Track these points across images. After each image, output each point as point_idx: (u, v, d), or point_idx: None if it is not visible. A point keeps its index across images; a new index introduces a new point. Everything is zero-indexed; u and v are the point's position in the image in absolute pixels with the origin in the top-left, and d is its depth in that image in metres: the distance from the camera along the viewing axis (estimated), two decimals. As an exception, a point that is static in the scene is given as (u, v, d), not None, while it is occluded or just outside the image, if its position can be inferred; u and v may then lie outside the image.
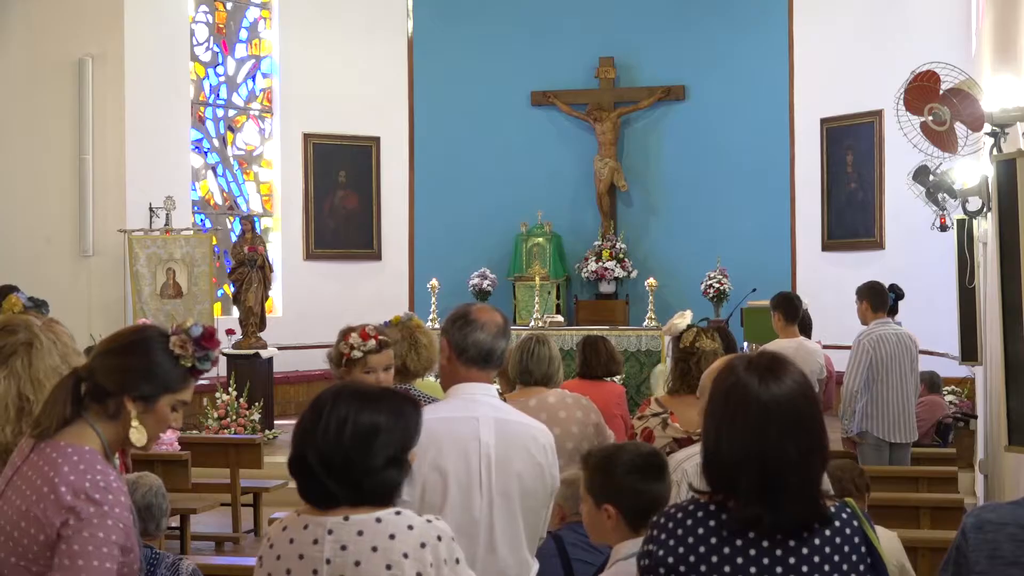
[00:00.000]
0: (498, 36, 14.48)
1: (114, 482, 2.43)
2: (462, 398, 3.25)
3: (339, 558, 2.36)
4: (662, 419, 4.35)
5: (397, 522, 2.39)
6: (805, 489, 2.20)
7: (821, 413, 2.30)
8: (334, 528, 2.37)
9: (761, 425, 2.19)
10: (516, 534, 3.21)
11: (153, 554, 4.03)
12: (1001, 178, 4.95)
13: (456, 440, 3.15)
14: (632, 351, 11.84)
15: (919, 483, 6.74)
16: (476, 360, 3.25)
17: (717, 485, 2.25)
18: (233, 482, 8.31)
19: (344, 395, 2.44)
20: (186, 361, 2.53)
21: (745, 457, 2.19)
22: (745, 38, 13.84)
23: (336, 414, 2.39)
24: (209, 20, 13.76)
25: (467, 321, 3.27)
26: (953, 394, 10.42)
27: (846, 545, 2.24)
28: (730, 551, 2.22)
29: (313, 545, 2.38)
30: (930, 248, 10.40)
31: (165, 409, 2.54)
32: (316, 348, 12.86)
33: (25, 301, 3.17)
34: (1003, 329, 4.95)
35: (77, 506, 2.35)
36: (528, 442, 3.25)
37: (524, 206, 14.15)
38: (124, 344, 2.57)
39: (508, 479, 3.18)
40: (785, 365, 2.27)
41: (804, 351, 7.02)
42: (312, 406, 2.44)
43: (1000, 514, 2.09)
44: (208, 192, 13.70)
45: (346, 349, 4.17)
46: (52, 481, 2.39)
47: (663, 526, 2.29)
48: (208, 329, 2.56)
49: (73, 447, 2.45)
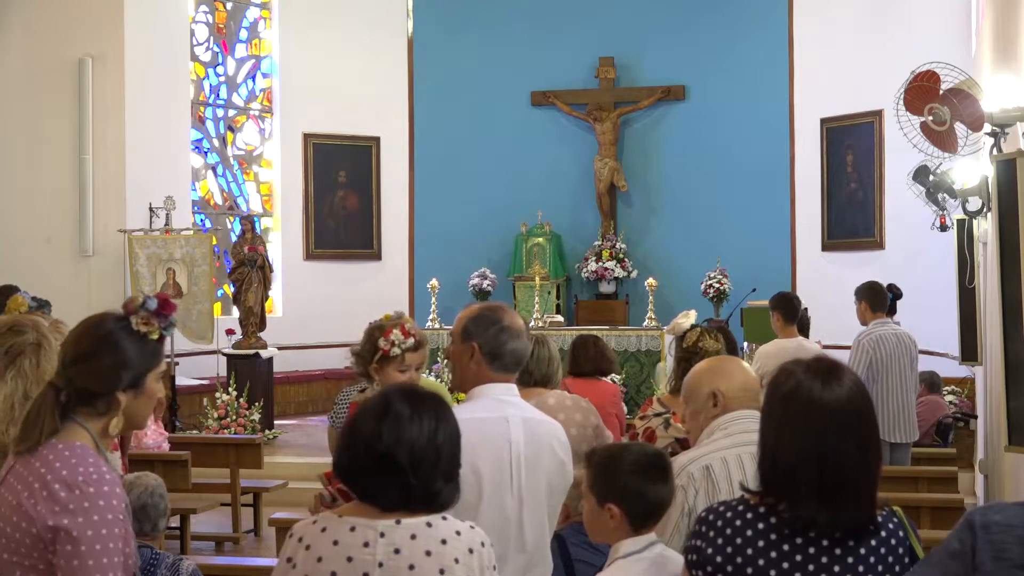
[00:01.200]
0: (498, 36, 14.48)
1: (107, 474, 2.42)
2: (491, 398, 3.25)
3: (392, 561, 2.34)
4: (664, 419, 4.36)
5: (446, 527, 2.40)
6: (864, 490, 2.26)
7: (875, 416, 2.34)
8: (386, 531, 2.35)
9: (824, 427, 2.24)
10: (543, 532, 3.25)
11: (153, 554, 4.03)
12: (1001, 178, 4.95)
13: (488, 440, 3.16)
14: (632, 351, 11.84)
15: (919, 483, 6.74)
16: (510, 367, 3.27)
17: (775, 487, 2.28)
18: (233, 482, 8.31)
19: (422, 398, 2.44)
20: (153, 334, 2.53)
21: (807, 459, 2.23)
22: (745, 38, 13.84)
23: (427, 414, 2.39)
24: (209, 20, 13.76)
25: (502, 328, 3.25)
26: (953, 394, 10.42)
27: (891, 556, 2.29)
28: (778, 554, 2.26)
29: (364, 548, 2.35)
30: (930, 248, 10.40)
31: (153, 385, 2.56)
32: (316, 348, 13.09)
33: (29, 301, 3.17)
34: (1003, 329, 4.95)
35: (71, 501, 2.34)
36: (553, 441, 3.27)
37: (524, 206, 14.15)
38: (91, 347, 2.52)
39: (537, 478, 3.20)
40: (842, 368, 2.33)
41: (803, 351, 6.97)
42: (395, 405, 2.39)
43: (1007, 515, 2.08)
44: (208, 192, 13.70)
45: (386, 346, 4.08)
46: (45, 478, 2.37)
47: (712, 523, 2.33)
48: (160, 296, 2.57)
49: (65, 444, 2.44)
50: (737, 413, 3.14)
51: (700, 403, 3.21)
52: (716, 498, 2.98)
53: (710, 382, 3.20)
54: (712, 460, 3.05)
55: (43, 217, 11.80)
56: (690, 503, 3.02)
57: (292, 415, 12.86)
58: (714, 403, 3.17)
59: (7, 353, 2.99)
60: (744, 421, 3.12)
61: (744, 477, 3.00)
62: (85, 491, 2.35)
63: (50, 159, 11.84)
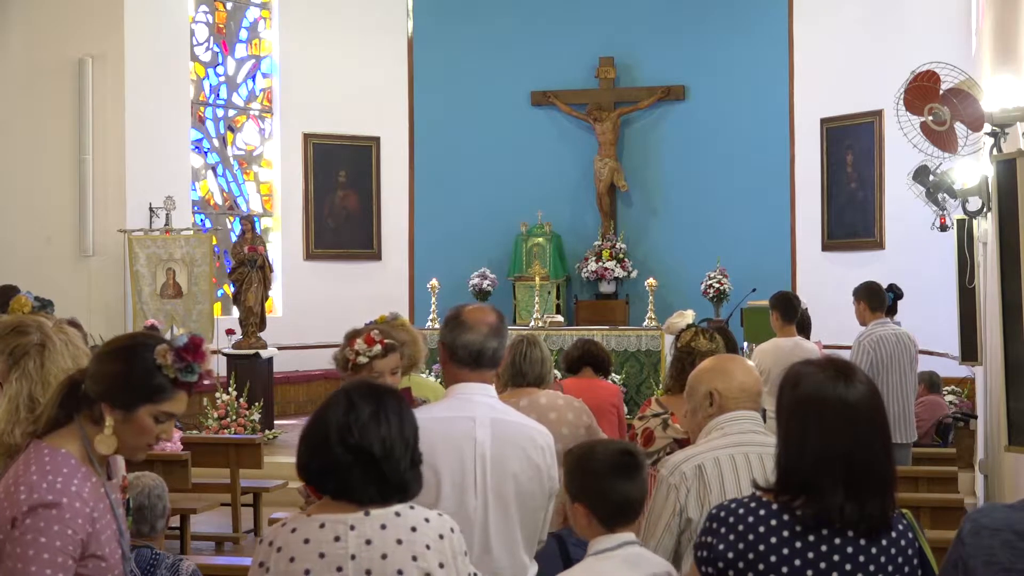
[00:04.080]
0: (498, 36, 14.47)
1: (79, 488, 2.41)
2: (458, 398, 3.25)
3: (364, 552, 2.37)
4: (663, 420, 4.35)
5: (415, 515, 2.44)
6: (888, 484, 2.32)
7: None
8: (356, 524, 2.39)
9: (850, 424, 2.30)
10: (512, 535, 3.20)
11: (153, 554, 4.03)
12: (1001, 178, 4.95)
13: (450, 439, 3.15)
14: (632, 351, 11.84)
15: (919, 483, 6.75)
16: (466, 361, 3.26)
17: (797, 484, 2.31)
18: (233, 482, 8.31)
19: (382, 391, 2.50)
20: (168, 372, 2.46)
21: (836, 455, 2.28)
22: (745, 38, 13.83)
23: (389, 408, 2.44)
24: (209, 20, 13.76)
25: (457, 323, 3.28)
26: (953, 394, 10.42)
27: (900, 556, 2.34)
28: (790, 551, 2.29)
29: (335, 542, 2.38)
30: (930, 248, 10.40)
31: (145, 419, 2.47)
32: (316, 348, 13.07)
33: (32, 301, 3.16)
34: (1003, 329, 4.95)
35: (31, 507, 2.34)
36: (525, 443, 3.24)
37: (524, 206, 14.15)
38: (111, 350, 2.53)
39: (504, 480, 3.17)
40: (856, 368, 2.41)
41: (801, 350, 7.01)
42: (357, 400, 2.44)
43: (995, 519, 2.09)
44: (208, 192, 13.70)
45: (351, 355, 4.12)
46: (18, 480, 2.39)
47: (724, 520, 2.36)
48: (195, 340, 2.47)
49: (51, 449, 2.45)
50: (735, 414, 3.13)
51: (698, 401, 3.21)
52: (708, 498, 2.98)
53: (709, 381, 3.20)
54: (705, 460, 3.05)
55: (43, 217, 11.81)
56: (681, 502, 3.02)
57: (292, 415, 12.86)
58: (711, 402, 3.17)
59: (11, 354, 2.99)
60: (741, 422, 3.12)
61: (737, 477, 3.01)
62: (45, 500, 2.34)
63: (50, 159, 11.84)
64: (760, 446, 3.05)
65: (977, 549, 2.06)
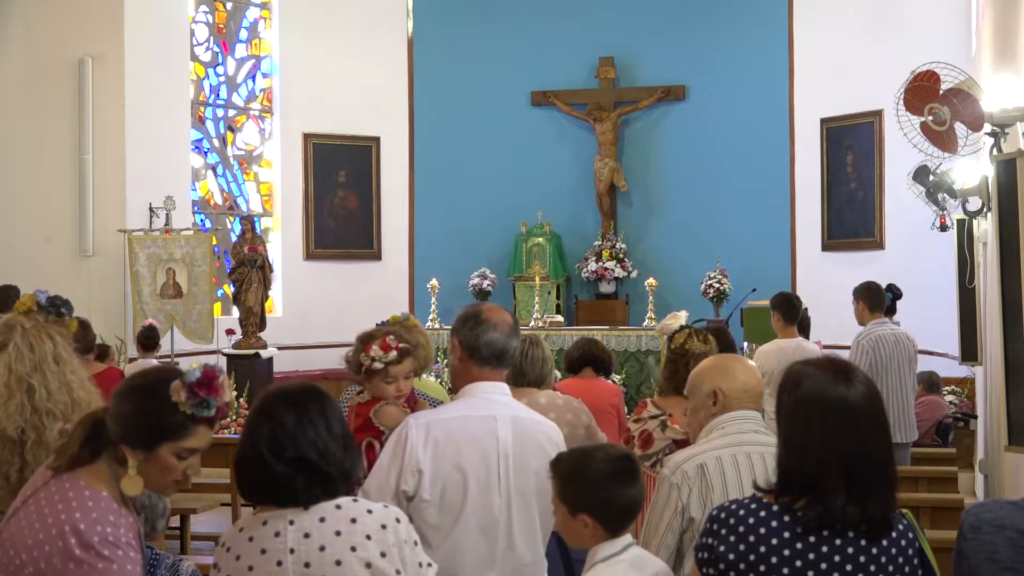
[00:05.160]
0: (498, 36, 14.47)
1: (126, 536, 2.39)
2: (478, 397, 3.24)
3: (303, 545, 2.41)
4: (661, 421, 4.34)
5: (356, 508, 2.46)
6: (890, 484, 2.33)
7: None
8: (295, 519, 2.43)
9: (851, 424, 2.31)
10: (533, 531, 3.24)
11: (153, 555, 4.01)
12: (1001, 178, 4.95)
13: (474, 439, 3.16)
14: (632, 351, 11.84)
15: (919, 483, 6.76)
16: (489, 360, 3.25)
17: (799, 485, 2.32)
18: (233, 482, 8.30)
19: (298, 392, 2.51)
20: (184, 408, 2.42)
21: (838, 455, 2.29)
22: (745, 38, 13.83)
23: (309, 409, 2.46)
24: (209, 20, 13.76)
25: (479, 321, 3.26)
26: (953, 394, 10.42)
27: (901, 556, 2.35)
28: (791, 552, 2.30)
29: (275, 538, 2.42)
30: (930, 248, 10.40)
31: (168, 458, 2.44)
32: (316, 348, 13.07)
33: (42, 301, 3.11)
34: (1003, 329, 4.95)
35: (86, 560, 2.32)
36: (543, 440, 3.27)
37: (524, 206, 14.15)
38: (128, 389, 2.48)
39: (526, 477, 3.19)
40: (855, 368, 2.42)
41: (802, 351, 7.00)
42: (276, 413, 2.45)
43: (998, 515, 2.09)
44: (208, 192, 13.70)
45: (367, 361, 4.05)
46: (63, 526, 2.34)
47: (724, 521, 2.36)
48: (207, 374, 2.43)
49: (91, 490, 2.41)
50: (736, 413, 3.13)
51: (700, 400, 3.21)
52: (710, 497, 2.98)
53: (711, 380, 3.19)
54: (707, 459, 3.05)
55: (43, 217, 11.80)
56: (684, 501, 3.01)
57: (292, 415, 12.84)
58: (714, 401, 3.16)
59: None
60: (742, 422, 3.12)
61: (739, 477, 3.00)
62: (101, 554, 2.33)
63: (50, 159, 11.84)
64: (762, 446, 3.05)
65: (978, 544, 2.06)
